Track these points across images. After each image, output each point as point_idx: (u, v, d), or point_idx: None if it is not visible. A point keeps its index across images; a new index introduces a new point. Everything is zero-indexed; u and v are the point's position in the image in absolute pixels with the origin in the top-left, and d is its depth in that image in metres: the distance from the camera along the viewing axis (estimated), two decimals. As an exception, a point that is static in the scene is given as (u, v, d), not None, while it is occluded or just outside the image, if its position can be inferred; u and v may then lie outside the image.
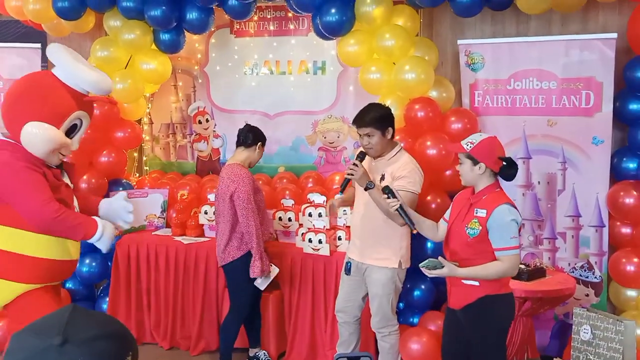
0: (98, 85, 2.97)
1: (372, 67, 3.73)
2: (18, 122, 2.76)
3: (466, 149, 2.62)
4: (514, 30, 3.99)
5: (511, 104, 3.74)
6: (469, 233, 2.62)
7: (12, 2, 4.24)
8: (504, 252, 2.55)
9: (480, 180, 2.65)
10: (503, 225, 2.55)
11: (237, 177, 3.42)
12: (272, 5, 4.51)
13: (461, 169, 2.70)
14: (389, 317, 3.32)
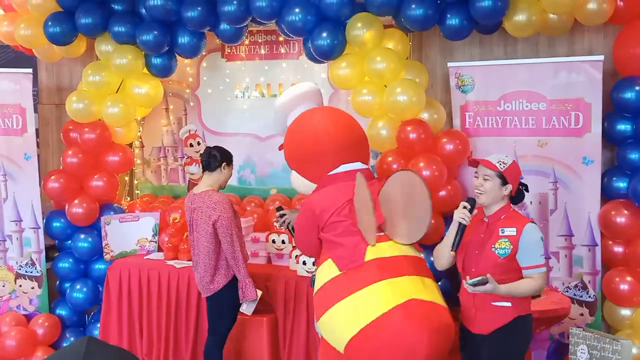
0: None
1: (363, 90, 3.76)
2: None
3: (499, 169, 2.62)
4: (501, 53, 4.06)
5: (502, 125, 3.78)
6: (499, 253, 2.60)
7: (3, 28, 4.24)
8: (535, 270, 2.59)
9: (500, 200, 2.67)
10: (534, 243, 2.59)
11: (218, 204, 3.37)
12: (263, 30, 4.55)
13: (487, 185, 2.65)
14: None
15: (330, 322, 2.69)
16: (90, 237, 4.29)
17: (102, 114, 4.17)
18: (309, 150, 2.90)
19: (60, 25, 4.00)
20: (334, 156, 2.88)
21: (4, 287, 4.38)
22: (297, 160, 2.96)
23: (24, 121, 4.23)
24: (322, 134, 2.90)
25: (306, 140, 2.89)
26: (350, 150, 2.94)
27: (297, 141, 2.93)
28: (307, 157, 2.91)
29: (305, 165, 2.93)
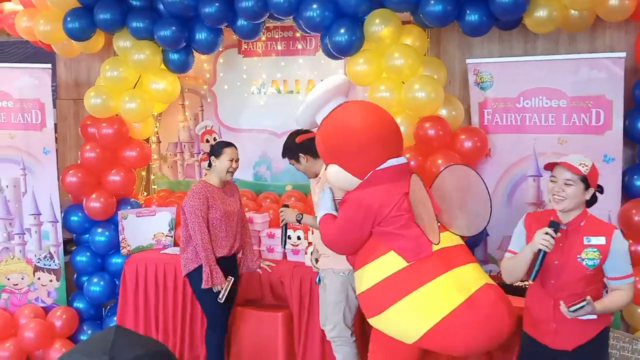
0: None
1: (381, 86, 3.74)
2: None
3: (583, 172, 2.43)
4: (521, 49, 4.02)
5: (521, 122, 3.74)
6: (587, 264, 2.43)
7: (23, 23, 4.27)
8: (625, 281, 2.43)
9: (582, 205, 2.50)
10: (624, 252, 2.43)
11: (191, 191, 3.62)
12: (280, 26, 4.54)
13: (570, 191, 2.45)
14: (342, 329, 3.40)
15: (398, 315, 2.68)
16: (107, 232, 4.32)
17: (120, 109, 4.19)
18: (361, 143, 2.81)
19: (79, 21, 4.02)
20: (384, 150, 2.85)
21: (23, 280, 4.42)
22: (344, 154, 2.84)
23: (43, 116, 4.27)
24: (375, 127, 2.86)
25: (357, 133, 2.82)
26: (396, 145, 2.96)
27: (347, 135, 2.83)
28: (356, 151, 2.81)
29: (352, 159, 2.83)
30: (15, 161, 4.33)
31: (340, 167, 2.85)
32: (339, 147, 2.84)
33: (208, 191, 3.60)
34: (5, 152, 4.33)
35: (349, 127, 2.82)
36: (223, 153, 3.63)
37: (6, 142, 4.31)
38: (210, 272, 3.54)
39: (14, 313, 4.34)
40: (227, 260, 3.68)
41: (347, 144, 2.80)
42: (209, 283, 3.54)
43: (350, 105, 2.96)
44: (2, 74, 4.28)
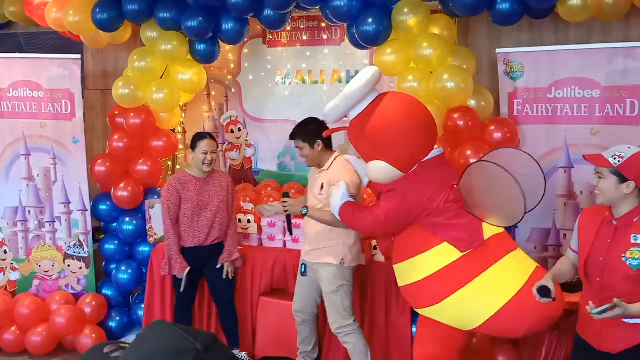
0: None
1: (409, 77, 3.70)
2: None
3: (613, 164, 2.31)
4: (552, 38, 3.94)
5: (552, 113, 3.68)
6: (631, 264, 2.29)
7: (52, 14, 4.31)
8: None
9: (624, 200, 2.34)
10: None
11: (166, 182, 3.96)
12: (305, 16, 4.52)
13: (602, 185, 2.36)
14: (343, 316, 3.50)
15: (458, 305, 2.74)
16: (134, 220, 4.36)
17: (147, 99, 4.22)
18: (409, 137, 2.81)
19: (107, 12, 4.04)
20: (427, 141, 2.90)
21: (54, 267, 4.50)
22: (393, 150, 2.81)
23: (73, 106, 4.31)
24: (419, 118, 2.88)
25: (405, 127, 2.80)
26: (436, 135, 3.00)
27: (396, 130, 2.79)
28: (404, 145, 2.81)
29: (401, 154, 2.82)
30: (45, 150, 4.39)
31: (388, 164, 2.83)
32: (388, 143, 2.82)
33: (182, 182, 3.79)
34: (36, 141, 4.39)
35: (396, 121, 2.81)
36: (197, 146, 3.77)
37: (37, 131, 4.37)
38: (169, 260, 3.80)
39: (46, 299, 4.42)
40: (199, 250, 3.84)
41: (396, 138, 2.80)
42: (166, 270, 3.83)
43: (390, 98, 2.94)
44: (33, 64, 4.33)
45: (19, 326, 4.32)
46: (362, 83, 2.85)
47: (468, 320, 2.76)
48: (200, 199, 3.79)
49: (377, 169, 2.88)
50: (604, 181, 2.37)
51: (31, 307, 4.32)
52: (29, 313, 4.30)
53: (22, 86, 4.32)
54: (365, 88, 2.87)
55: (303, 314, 3.71)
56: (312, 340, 3.79)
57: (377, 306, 3.88)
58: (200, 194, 3.80)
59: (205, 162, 3.74)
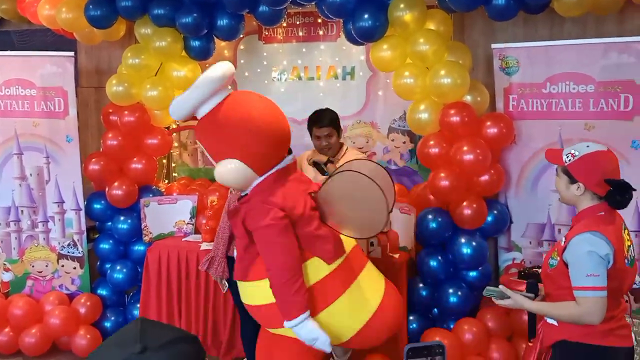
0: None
1: (405, 72, 3.70)
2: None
3: (564, 162, 2.20)
4: (547, 33, 3.95)
5: (547, 108, 3.69)
6: (549, 263, 2.25)
7: (45, 11, 4.27)
8: (579, 293, 2.10)
9: (579, 201, 2.21)
10: (577, 259, 2.11)
11: None
12: (301, 12, 4.51)
13: (557, 184, 2.29)
14: None
15: (331, 318, 2.61)
16: (129, 219, 4.34)
17: (142, 96, 4.19)
18: (268, 137, 2.61)
19: (100, 9, 4.01)
20: (284, 146, 2.73)
21: (47, 267, 4.47)
22: (249, 148, 2.59)
23: (66, 104, 4.28)
24: (279, 122, 2.70)
25: (264, 126, 2.60)
26: (289, 141, 2.83)
27: (254, 127, 2.58)
28: (263, 145, 2.60)
29: (257, 154, 2.61)
30: (38, 149, 4.35)
31: (242, 163, 2.60)
32: (242, 139, 2.58)
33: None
34: (29, 140, 4.35)
35: (252, 117, 2.60)
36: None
37: (30, 130, 4.33)
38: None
39: (39, 300, 4.39)
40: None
41: (251, 135, 2.57)
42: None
43: (246, 95, 2.78)
44: (25, 62, 4.29)
45: (13, 327, 4.27)
46: (216, 75, 2.61)
47: (334, 336, 2.61)
48: None
49: (229, 168, 2.61)
50: (558, 180, 2.29)
51: (25, 308, 4.28)
52: (22, 314, 4.26)
53: (15, 84, 4.27)
54: (218, 81, 2.62)
55: None
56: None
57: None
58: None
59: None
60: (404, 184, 4.45)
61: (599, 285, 2.08)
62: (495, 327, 3.69)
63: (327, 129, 3.51)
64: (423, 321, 3.87)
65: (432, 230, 3.75)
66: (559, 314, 2.20)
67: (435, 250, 3.83)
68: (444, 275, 3.79)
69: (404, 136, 4.46)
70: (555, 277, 2.22)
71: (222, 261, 3.59)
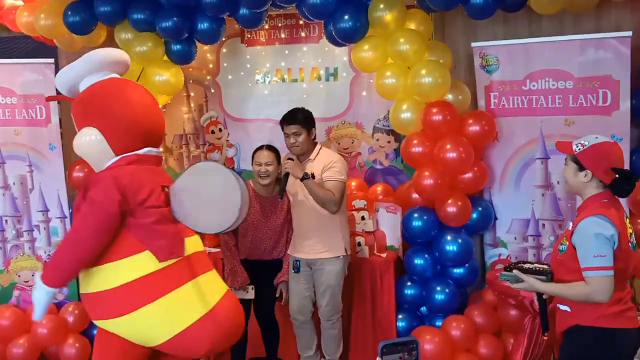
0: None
1: (387, 72, 3.72)
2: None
3: (574, 151, 2.37)
4: (526, 31, 3.99)
5: (527, 105, 3.73)
6: (559, 249, 2.41)
7: (23, 18, 4.23)
8: (587, 273, 2.25)
9: (585, 189, 2.38)
10: (585, 241, 2.27)
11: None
12: (282, 14, 4.51)
13: (565, 172, 2.46)
14: (339, 305, 3.62)
15: (144, 319, 2.52)
16: (115, 226, 4.31)
17: (124, 102, 4.16)
18: (137, 118, 2.65)
19: (79, 14, 3.97)
20: (150, 136, 2.73)
21: (34, 277, 4.41)
22: (113, 121, 2.62)
23: (48, 111, 4.24)
24: (153, 109, 2.78)
25: (137, 106, 2.67)
26: (160, 136, 2.87)
27: (126, 103, 2.65)
28: (129, 123, 2.63)
29: (120, 131, 2.62)
30: (21, 158, 4.31)
31: (102, 135, 2.61)
32: (112, 112, 2.61)
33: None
34: (11, 148, 4.30)
35: (127, 97, 2.67)
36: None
37: (11, 138, 4.28)
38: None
39: (27, 310, 4.34)
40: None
41: (121, 111, 2.62)
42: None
43: (129, 82, 2.88)
44: (4, 70, 4.24)
45: (0, 338, 4.24)
46: (100, 54, 2.79)
47: (149, 337, 2.57)
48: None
49: (88, 140, 2.62)
50: (566, 168, 2.45)
51: (12, 318, 4.23)
52: (9, 324, 4.21)
53: (-5, 92, 4.24)
54: (102, 60, 2.75)
55: (302, 315, 3.67)
56: (314, 342, 3.73)
57: (363, 302, 3.90)
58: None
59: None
60: (389, 183, 4.48)
61: (606, 265, 2.23)
62: (483, 323, 3.71)
63: (294, 127, 3.50)
64: (412, 319, 3.90)
65: (418, 229, 3.78)
66: (569, 293, 2.33)
67: (421, 249, 3.85)
68: (431, 273, 3.82)
69: (389, 136, 4.47)
70: (565, 261, 2.36)
71: (238, 269, 3.65)
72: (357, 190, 4.37)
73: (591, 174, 2.35)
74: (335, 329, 3.64)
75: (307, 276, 3.61)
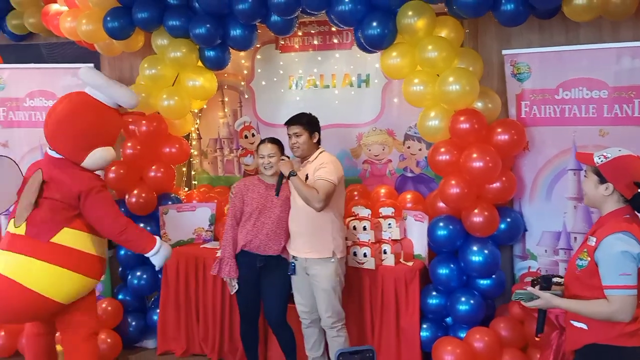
0: (132, 100, 3.52)
1: (415, 79, 3.69)
2: (86, 147, 3.32)
3: (595, 163, 2.31)
4: (562, 39, 3.87)
5: (560, 114, 3.63)
6: (577, 264, 2.32)
7: (67, 24, 4.42)
8: (611, 292, 2.19)
9: (605, 202, 2.32)
10: (610, 258, 2.19)
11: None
12: (315, 20, 4.54)
13: (584, 185, 2.40)
14: (340, 311, 3.58)
15: None
16: (148, 227, 4.41)
17: (159, 106, 4.29)
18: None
19: (118, 20, 4.13)
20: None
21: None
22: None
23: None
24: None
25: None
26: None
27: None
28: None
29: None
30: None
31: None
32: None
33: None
34: (53, 149, 4.49)
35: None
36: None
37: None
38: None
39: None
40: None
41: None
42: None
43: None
44: (47, 74, 4.45)
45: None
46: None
47: None
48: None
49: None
50: (586, 180, 2.38)
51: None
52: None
53: (38, 96, 4.44)
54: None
55: (310, 314, 3.68)
56: (321, 344, 3.75)
57: (386, 311, 3.86)
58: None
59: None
60: (420, 191, 4.43)
61: (630, 284, 2.17)
62: (509, 337, 3.62)
63: (296, 128, 3.59)
64: (436, 330, 3.84)
65: (443, 238, 3.72)
66: (589, 311, 2.26)
67: (447, 258, 3.79)
68: (456, 283, 3.75)
69: (420, 143, 4.43)
70: (583, 277, 2.29)
71: (229, 261, 3.69)
72: (385, 197, 4.34)
73: (612, 187, 2.29)
74: (342, 337, 3.59)
75: (304, 277, 3.61)
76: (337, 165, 3.55)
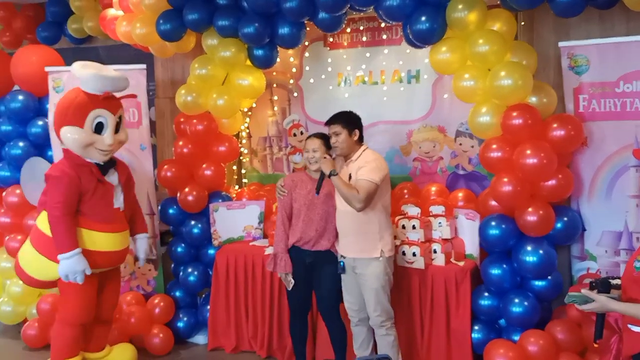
0: (96, 84, 3.56)
1: (465, 74, 3.59)
2: (57, 129, 3.60)
3: None
4: (623, 29, 3.67)
5: (621, 108, 3.44)
6: (635, 266, 2.25)
7: (122, 28, 4.54)
8: None
9: None
10: None
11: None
12: (364, 17, 4.49)
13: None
14: (388, 310, 3.53)
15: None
16: (200, 224, 4.50)
17: (209, 105, 4.35)
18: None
19: (170, 23, 4.21)
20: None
21: (125, 269, 4.72)
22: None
23: (140, 114, 4.52)
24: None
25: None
26: None
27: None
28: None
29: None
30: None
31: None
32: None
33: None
34: (108, 148, 4.62)
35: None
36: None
37: (108, 139, 4.61)
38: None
39: (118, 299, 4.64)
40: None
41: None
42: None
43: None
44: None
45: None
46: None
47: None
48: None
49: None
50: None
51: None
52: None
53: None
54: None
55: (359, 313, 3.64)
56: (370, 343, 3.71)
57: (436, 311, 3.78)
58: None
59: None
60: (472, 189, 4.32)
61: None
62: (565, 341, 3.47)
63: (335, 127, 3.56)
64: (488, 331, 3.73)
65: (495, 238, 3.61)
66: None
67: (499, 258, 3.68)
68: (509, 284, 3.63)
69: (472, 140, 4.32)
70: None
71: (283, 256, 3.69)
72: (436, 195, 4.26)
73: None
74: (391, 336, 3.55)
75: (354, 276, 3.58)
76: (379, 163, 3.48)
